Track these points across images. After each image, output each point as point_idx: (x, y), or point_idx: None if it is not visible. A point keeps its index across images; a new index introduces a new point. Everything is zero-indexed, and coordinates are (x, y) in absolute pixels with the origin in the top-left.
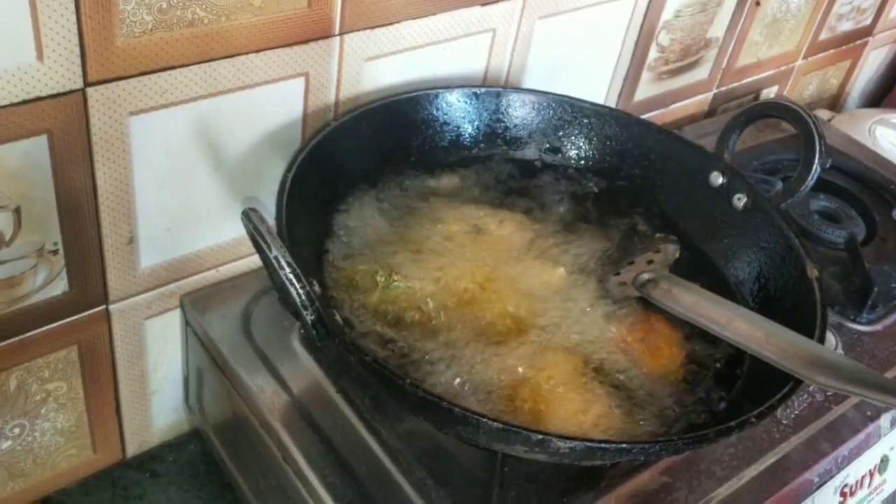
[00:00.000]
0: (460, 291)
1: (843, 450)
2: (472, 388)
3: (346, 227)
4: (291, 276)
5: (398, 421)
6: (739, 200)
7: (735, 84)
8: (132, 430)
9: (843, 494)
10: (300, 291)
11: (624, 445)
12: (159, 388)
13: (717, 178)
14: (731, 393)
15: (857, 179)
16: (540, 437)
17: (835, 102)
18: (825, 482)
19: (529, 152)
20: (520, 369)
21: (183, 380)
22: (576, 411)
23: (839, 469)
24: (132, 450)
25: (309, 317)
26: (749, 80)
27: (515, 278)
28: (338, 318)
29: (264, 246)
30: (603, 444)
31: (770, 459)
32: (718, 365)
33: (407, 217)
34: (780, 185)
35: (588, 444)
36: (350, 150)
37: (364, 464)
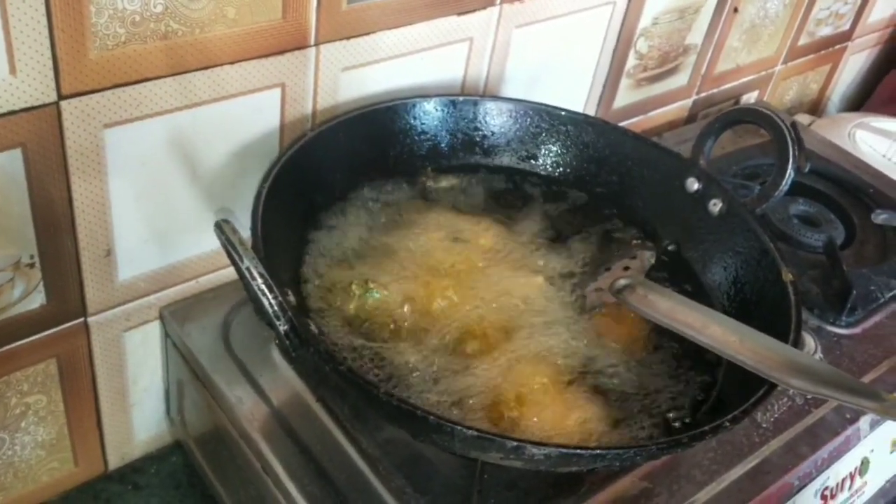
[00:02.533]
0: (438, 301)
1: (823, 452)
2: (450, 397)
3: (323, 237)
4: (264, 287)
5: (377, 429)
6: (715, 206)
7: (715, 90)
8: (114, 442)
9: (823, 497)
10: (272, 302)
11: (599, 451)
12: (140, 401)
13: (693, 184)
14: (710, 396)
15: (836, 183)
16: (514, 444)
17: (815, 107)
18: (805, 485)
19: (507, 160)
20: (499, 377)
21: (164, 391)
22: (558, 417)
23: (819, 472)
24: (114, 462)
25: (282, 327)
26: (728, 85)
27: (494, 288)
28: (313, 328)
29: (236, 257)
30: (578, 451)
31: (750, 463)
32: (697, 369)
33: (384, 227)
34: (757, 190)
35: (563, 450)
36: (327, 161)
37: (344, 473)
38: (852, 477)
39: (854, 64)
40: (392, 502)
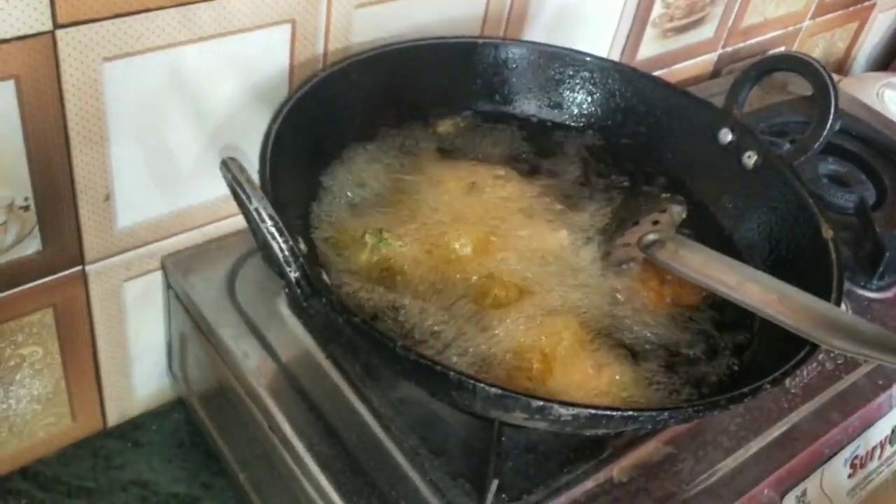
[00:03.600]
0: (456, 253)
1: (854, 420)
2: (470, 353)
3: (334, 183)
4: (274, 230)
5: (390, 388)
6: (749, 158)
7: (741, 44)
8: (113, 398)
9: (853, 466)
10: (283, 246)
11: (630, 413)
12: (141, 355)
13: (727, 136)
14: (744, 355)
15: (866, 143)
16: (540, 403)
17: (841, 66)
18: (835, 453)
19: (529, 108)
20: (523, 334)
21: (166, 345)
22: (586, 376)
23: (850, 440)
24: (113, 419)
25: (293, 274)
26: (755, 40)
27: (515, 240)
28: (325, 277)
29: (244, 198)
30: (608, 412)
31: (779, 430)
32: (731, 328)
33: (399, 174)
34: (787, 147)
35: (592, 411)
36: (339, 103)
37: (354, 432)
38: (882, 446)
39: (881, 23)
40: (405, 463)
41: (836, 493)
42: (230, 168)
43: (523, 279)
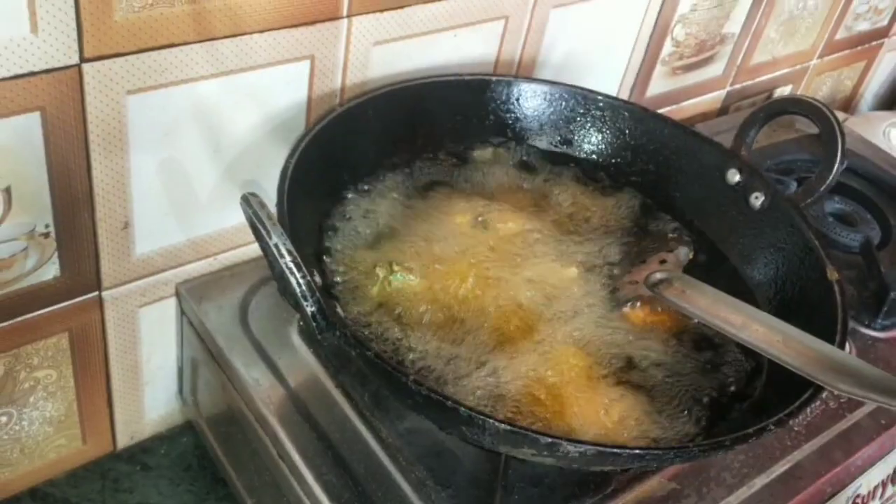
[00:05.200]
0: (466, 287)
1: (857, 459)
2: (479, 388)
3: (348, 217)
4: (292, 265)
5: (399, 419)
6: (757, 199)
7: (749, 82)
8: (124, 421)
9: None
10: (300, 281)
11: (637, 451)
12: (152, 379)
13: (734, 176)
14: (753, 395)
15: (872, 182)
16: (549, 440)
17: (848, 104)
18: (837, 492)
19: (540, 145)
20: (532, 369)
21: (177, 371)
22: (597, 410)
23: (852, 479)
24: (123, 441)
25: (309, 308)
26: (763, 78)
27: (525, 276)
28: (339, 310)
29: (264, 233)
30: (615, 450)
31: (782, 467)
32: (737, 367)
33: (412, 208)
34: (794, 186)
35: (600, 448)
36: (355, 138)
37: (362, 462)
38: (884, 485)
39: (889, 62)
40: (411, 494)
41: None
42: (251, 204)
43: (533, 314)
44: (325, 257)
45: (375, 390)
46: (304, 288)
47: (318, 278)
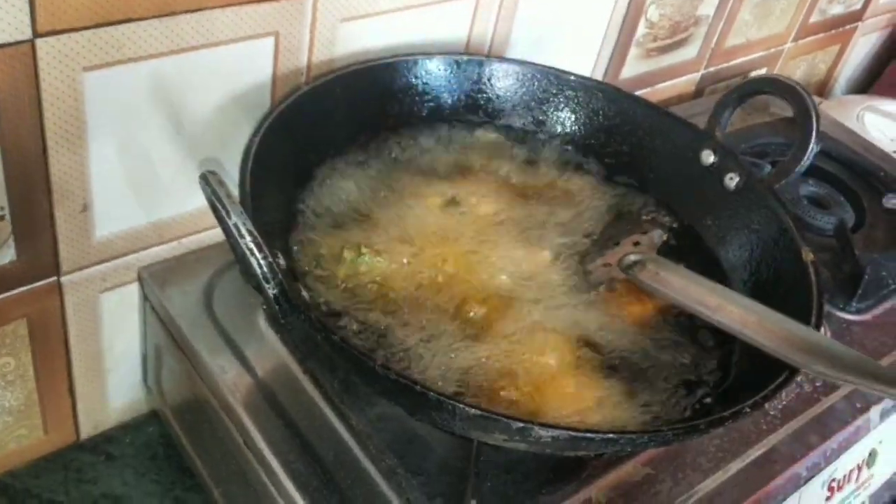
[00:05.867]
0: (437, 270)
1: (832, 443)
2: (450, 373)
3: (315, 198)
4: (252, 246)
5: (369, 405)
6: (731, 180)
7: (724, 65)
8: (86, 410)
9: (830, 489)
10: (262, 262)
11: (611, 436)
12: (115, 366)
13: (709, 157)
14: (728, 378)
15: (846, 166)
16: (520, 425)
17: (822, 88)
18: (813, 476)
19: (513, 125)
20: (505, 353)
21: (141, 358)
22: (570, 397)
23: (827, 463)
24: (86, 431)
25: (271, 290)
26: (737, 61)
27: (496, 258)
28: (304, 293)
29: (223, 212)
30: (588, 434)
31: (757, 451)
32: (712, 349)
33: (381, 189)
34: (768, 169)
35: (572, 433)
36: (322, 117)
37: (331, 450)
38: (860, 468)
39: (862, 47)
40: (382, 482)
41: None
42: (209, 182)
43: (505, 298)
44: (290, 239)
45: (344, 377)
46: (265, 270)
47: (281, 260)
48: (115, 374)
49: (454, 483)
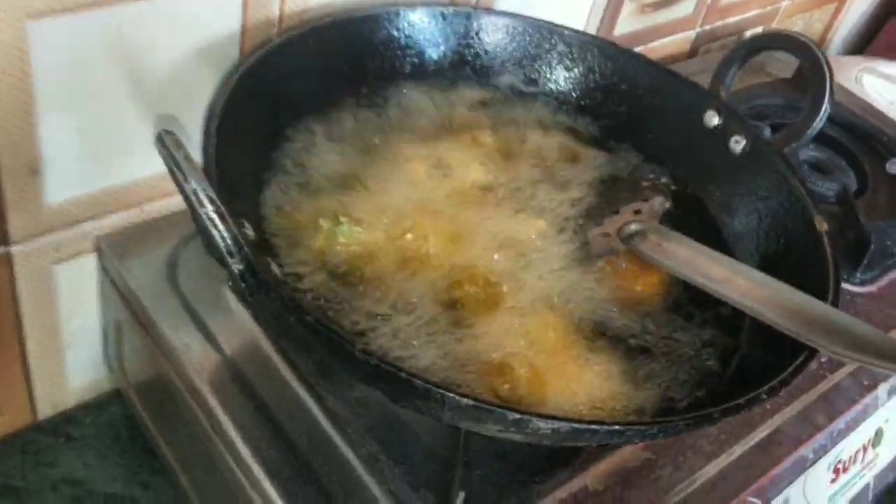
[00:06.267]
0: (423, 241)
1: (840, 422)
2: (439, 357)
3: (288, 162)
4: (214, 216)
5: (347, 387)
6: (737, 144)
7: (719, 22)
8: (43, 389)
9: (835, 471)
10: (225, 234)
11: (616, 427)
12: (73, 343)
13: (713, 118)
14: (735, 358)
15: (846, 129)
16: (517, 416)
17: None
18: (819, 458)
19: (502, 84)
20: (498, 334)
21: (101, 333)
22: (572, 376)
23: (834, 444)
24: (44, 411)
25: (236, 266)
26: (733, 19)
27: (487, 229)
28: (274, 268)
29: (180, 177)
30: (592, 427)
31: (762, 433)
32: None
33: (361, 152)
34: (768, 132)
35: (574, 425)
36: (296, 73)
37: (306, 435)
38: (865, 448)
39: (859, 4)
40: (362, 470)
41: (818, 499)
42: (166, 143)
43: (497, 272)
44: (260, 207)
45: (321, 358)
46: (229, 242)
47: (249, 231)
48: (74, 351)
49: (440, 472)
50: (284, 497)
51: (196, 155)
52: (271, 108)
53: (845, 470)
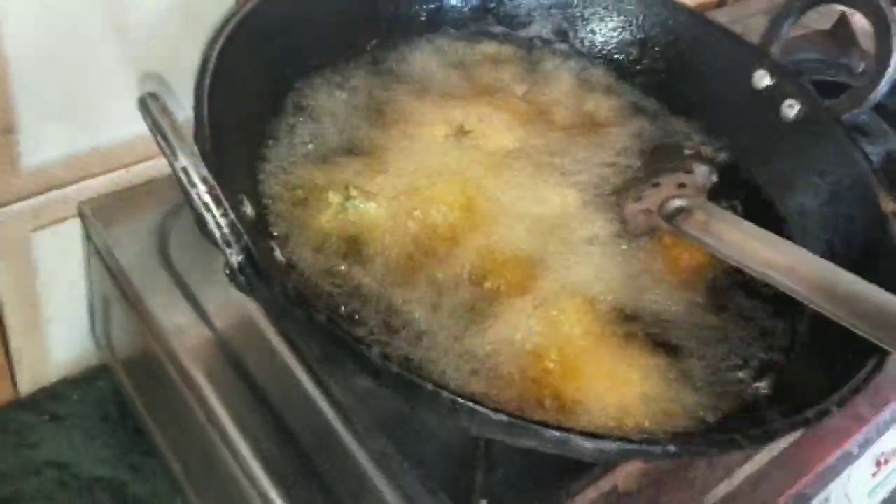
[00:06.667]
0: (443, 220)
1: (885, 412)
2: (461, 356)
3: (292, 124)
4: (208, 198)
5: (356, 376)
6: (790, 108)
7: None
8: (25, 363)
9: (878, 464)
10: (220, 221)
11: (672, 448)
12: (57, 315)
13: (763, 79)
14: (792, 358)
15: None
16: (557, 434)
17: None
18: (864, 452)
19: (529, 35)
20: (527, 327)
21: (87, 305)
22: (611, 380)
23: (879, 436)
24: (26, 387)
25: (234, 257)
26: None
27: (513, 203)
28: (277, 254)
29: (168, 151)
30: (644, 447)
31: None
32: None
33: (374, 114)
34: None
35: (623, 445)
36: (301, 22)
37: (309, 428)
38: None
39: None
40: (371, 468)
41: (859, 494)
42: (150, 109)
43: (526, 255)
44: (260, 179)
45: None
46: (225, 229)
47: (248, 209)
48: (58, 324)
49: (459, 472)
50: (286, 497)
51: (187, 119)
52: (272, 64)
53: (886, 462)
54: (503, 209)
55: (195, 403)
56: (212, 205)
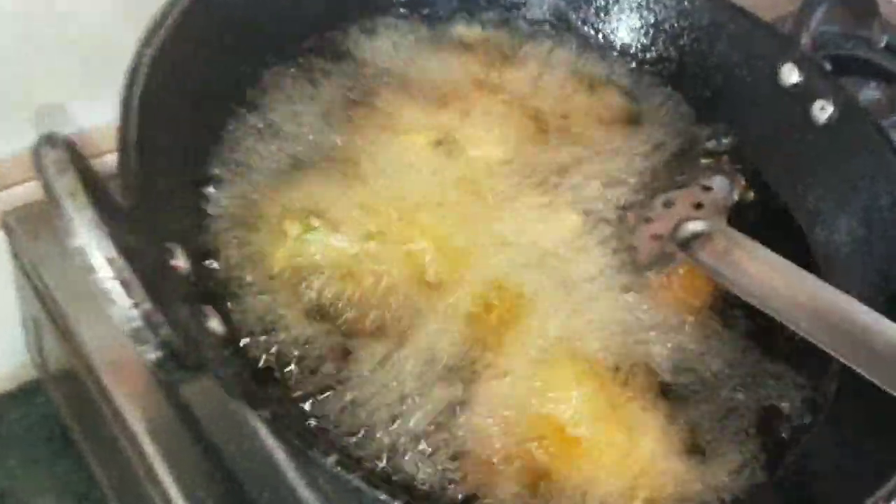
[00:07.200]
0: (421, 254)
1: None
2: (442, 441)
3: (244, 134)
4: (117, 287)
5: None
6: (822, 111)
7: None
8: None
9: None
10: (132, 314)
11: None
12: None
13: (791, 74)
14: (820, 418)
15: None
16: None
17: None
18: None
19: (526, 20)
20: (521, 394)
21: (21, 320)
22: (615, 453)
23: None
24: None
25: (150, 354)
26: None
27: (505, 231)
28: (214, 324)
29: (63, 225)
30: None
31: None
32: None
33: (341, 120)
34: (827, 67)
35: None
36: (256, 9)
37: (264, 484)
38: None
39: None
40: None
41: None
42: (43, 164)
43: (517, 297)
44: (205, 204)
45: None
46: (138, 322)
47: (180, 261)
48: None
49: None
50: None
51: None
52: (223, 59)
53: None
54: (491, 236)
55: (136, 459)
56: (121, 295)
